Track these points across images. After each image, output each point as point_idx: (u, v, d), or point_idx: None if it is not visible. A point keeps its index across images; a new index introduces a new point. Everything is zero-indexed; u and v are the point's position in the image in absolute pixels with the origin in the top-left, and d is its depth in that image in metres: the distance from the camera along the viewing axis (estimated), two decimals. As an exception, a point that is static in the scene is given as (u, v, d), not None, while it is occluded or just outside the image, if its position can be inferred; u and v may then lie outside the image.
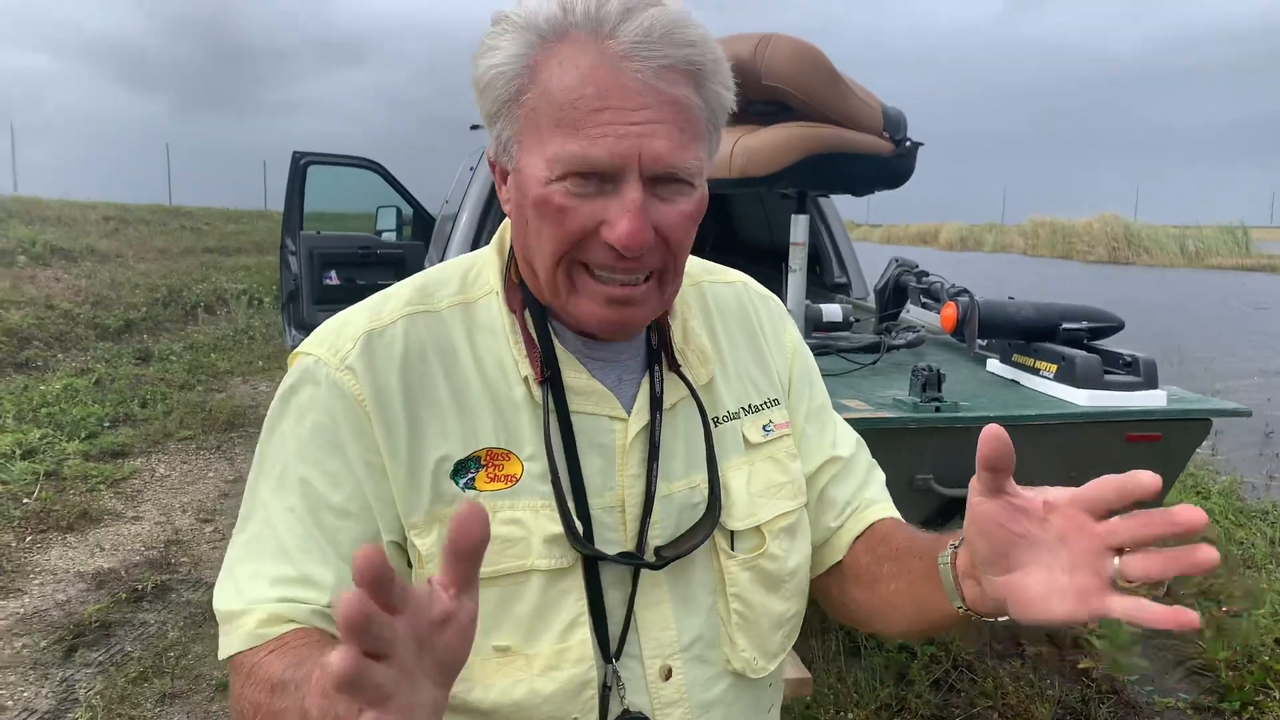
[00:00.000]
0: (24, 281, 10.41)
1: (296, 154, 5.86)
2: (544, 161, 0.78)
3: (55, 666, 3.22)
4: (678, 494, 0.90)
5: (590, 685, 0.84)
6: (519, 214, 0.84)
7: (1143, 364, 2.14)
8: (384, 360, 0.85)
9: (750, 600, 0.92)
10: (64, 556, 4.19)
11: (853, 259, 4.42)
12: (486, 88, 0.82)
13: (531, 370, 0.86)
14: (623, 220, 0.77)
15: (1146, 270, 28.02)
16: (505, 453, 0.84)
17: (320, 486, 0.83)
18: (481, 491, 0.83)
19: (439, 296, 0.90)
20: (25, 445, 5.53)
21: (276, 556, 0.82)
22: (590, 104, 0.76)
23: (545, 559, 0.82)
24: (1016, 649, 3.51)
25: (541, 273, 0.84)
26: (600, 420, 0.88)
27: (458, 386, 0.85)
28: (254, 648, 0.79)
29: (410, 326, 0.87)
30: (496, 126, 0.84)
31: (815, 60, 2.63)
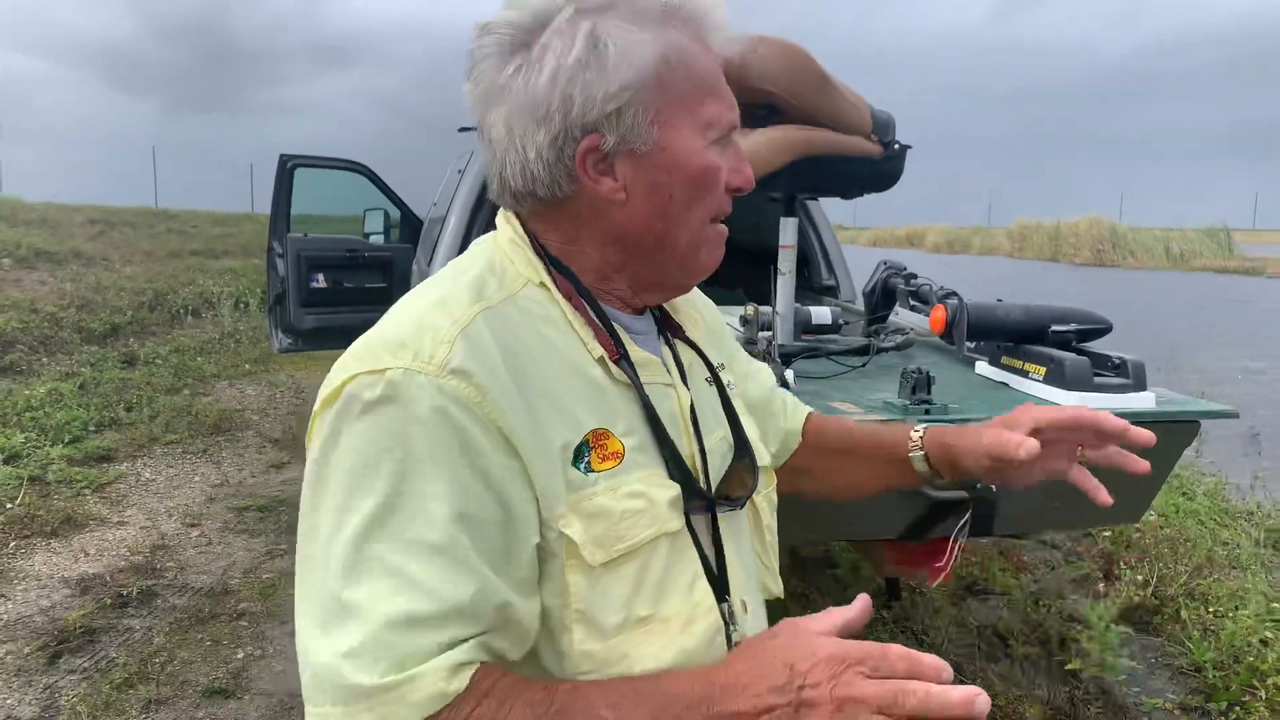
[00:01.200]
0: (8, 285, 10.34)
1: (283, 157, 5.83)
2: (699, 131, 0.89)
3: (39, 673, 3.20)
4: (715, 447, 0.98)
5: (720, 631, 0.89)
6: (655, 193, 0.89)
7: (1131, 366, 2.14)
8: (489, 357, 0.81)
9: (774, 529, 1.08)
10: (48, 562, 4.15)
11: (841, 262, 4.42)
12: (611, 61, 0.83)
13: (605, 351, 0.89)
14: (744, 165, 0.95)
15: (1131, 272, 28.19)
16: (605, 432, 0.86)
17: (444, 503, 0.76)
18: (600, 472, 0.84)
19: (490, 293, 0.87)
20: (9, 450, 5.49)
21: (420, 598, 0.73)
22: (716, 74, 0.91)
23: (671, 522, 0.87)
24: (1005, 650, 3.52)
25: (683, 239, 0.92)
26: (657, 387, 0.94)
27: (547, 375, 0.85)
28: (438, 715, 0.71)
29: (488, 322, 0.83)
30: (619, 107, 0.84)
31: (804, 62, 2.63)
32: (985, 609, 3.90)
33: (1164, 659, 3.54)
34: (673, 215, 0.90)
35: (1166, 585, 4.04)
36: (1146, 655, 3.58)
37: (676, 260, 0.94)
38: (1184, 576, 4.10)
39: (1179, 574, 4.12)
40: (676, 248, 0.92)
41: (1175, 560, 4.30)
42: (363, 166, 6.08)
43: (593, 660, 0.81)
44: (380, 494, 0.75)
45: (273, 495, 5.16)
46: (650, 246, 0.91)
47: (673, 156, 0.88)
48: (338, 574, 0.74)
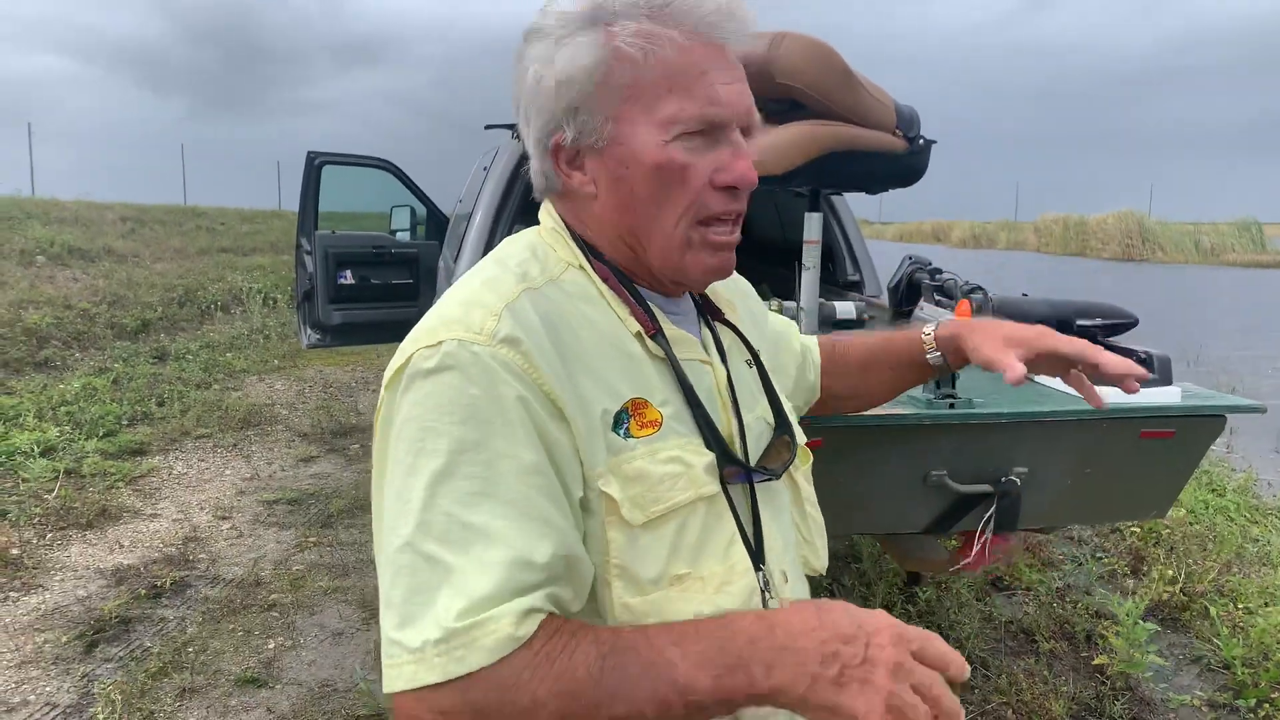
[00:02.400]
0: (42, 281, 10.50)
1: (311, 154, 5.88)
2: (657, 127, 0.89)
3: (76, 662, 3.26)
4: (754, 423, 1.03)
5: (756, 593, 0.93)
6: (620, 188, 0.92)
7: (1157, 360, 2.13)
8: (533, 328, 0.86)
9: (816, 504, 1.11)
10: (84, 553, 4.23)
11: (865, 257, 4.41)
12: (565, 68, 0.89)
13: (641, 326, 0.94)
14: (739, 161, 0.91)
15: (1161, 267, 27.85)
16: (643, 401, 0.91)
17: (507, 458, 0.80)
18: (638, 438, 0.89)
19: (533, 275, 0.93)
20: (45, 443, 5.59)
21: (489, 546, 0.77)
22: (696, 69, 0.89)
23: (707, 486, 0.91)
24: (1030, 646, 3.51)
25: (657, 238, 0.93)
26: (694, 364, 0.98)
27: (587, 348, 0.90)
28: (509, 656, 0.74)
29: (532, 300, 0.89)
30: (578, 109, 0.90)
31: (828, 58, 2.63)
32: (1011, 604, 3.89)
33: (1192, 655, 3.51)
34: (639, 210, 0.92)
35: (1195, 581, 4.01)
36: (1174, 651, 3.56)
37: (657, 259, 0.94)
38: (1213, 573, 4.07)
39: (1208, 570, 4.09)
40: (652, 245, 0.93)
41: (1204, 556, 4.27)
42: (389, 164, 6.13)
43: (632, 613, 0.86)
44: (444, 453, 0.79)
45: (302, 488, 5.23)
46: (630, 241, 0.95)
47: (628, 150, 0.90)
48: (410, 531, 0.78)
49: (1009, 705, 3.05)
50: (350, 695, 3.07)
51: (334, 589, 3.90)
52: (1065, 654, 3.46)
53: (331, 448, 6.08)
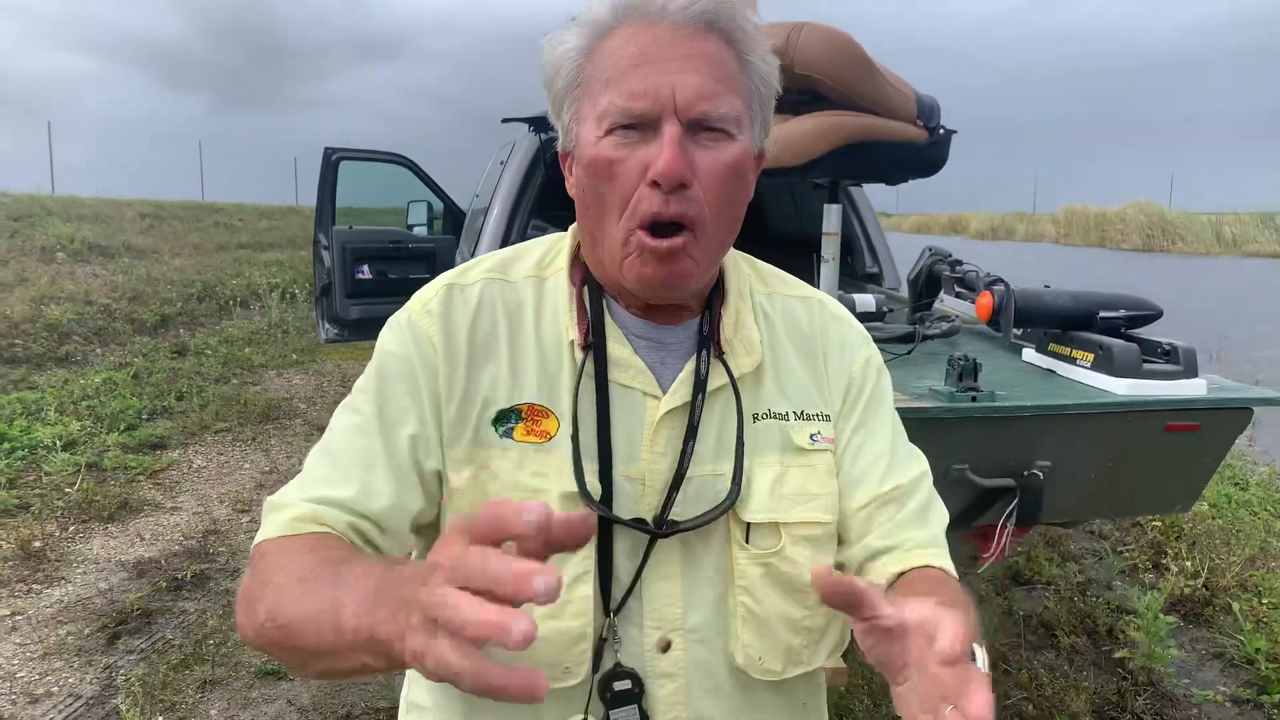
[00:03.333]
0: (63, 277, 10.59)
1: (328, 150, 5.90)
2: (594, 123, 0.86)
3: (99, 653, 3.29)
4: (700, 478, 0.92)
5: (585, 640, 0.88)
6: (581, 192, 0.90)
7: (1182, 352, 2.11)
8: (459, 309, 0.94)
9: (760, 598, 0.92)
10: (105, 546, 4.27)
11: (884, 248, 4.39)
12: (554, 79, 0.91)
13: (577, 335, 0.92)
14: (662, 153, 0.82)
15: (1181, 258, 27.61)
16: (545, 410, 0.91)
17: (386, 407, 0.91)
18: (517, 442, 0.90)
19: (516, 270, 0.98)
20: (66, 437, 5.64)
21: (330, 464, 0.90)
22: (631, 62, 0.84)
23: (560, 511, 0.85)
24: (1051, 640, 3.49)
25: (605, 240, 0.89)
26: (634, 394, 0.92)
27: (516, 346, 0.93)
28: (283, 536, 0.84)
29: (486, 289, 0.95)
30: (562, 115, 0.92)
31: (848, 48, 2.61)
32: (1031, 599, 3.87)
33: (1215, 650, 3.49)
34: (592, 210, 0.89)
35: (1218, 576, 3.98)
36: (1197, 646, 3.53)
37: (608, 262, 0.90)
38: (1236, 567, 4.03)
39: (1231, 565, 4.06)
40: (600, 248, 0.91)
41: (1227, 551, 4.23)
42: (406, 159, 6.14)
43: None
44: (358, 391, 0.95)
45: (320, 482, 5.24)
46: (592, 244, 0.93)
47: (582, 152, 0.88)
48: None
49: (1029, 700, 3.03)
50: (369, 688, 3.08)
51: (353, 582, 3.91)
52: (1086, 649, 3.44)
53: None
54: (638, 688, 0.90)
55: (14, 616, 3.55)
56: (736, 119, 0.86)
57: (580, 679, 0.88)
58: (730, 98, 0.85)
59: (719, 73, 0.84)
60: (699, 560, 0.92)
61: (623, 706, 0.89)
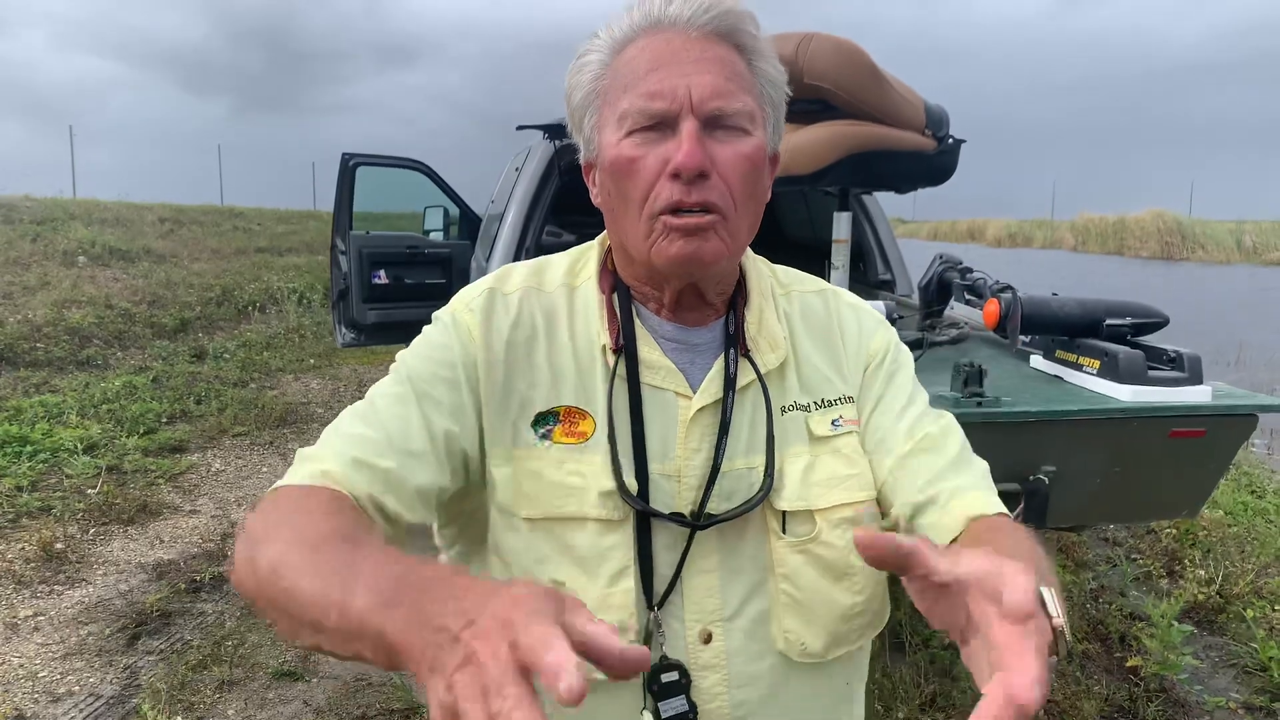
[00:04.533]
0: (84, 281, 10.71)
1: (346, 155, 5.95)
2: (614, 126, 0.91)
3: (119, 654, 3.34)
4: (736, 472, 0.95)
5: (629, 633, 0.90)
6: (604, 193, 0.95)
7: (1187, 360, 2.12)
8: (500, 313, 0.98)
9: (802, 584, 0.94)
10: (125, 548, 4.33)
11: (897, 256, 4.40)
12: (573, 92, 0.96)
13: (609, 340, 0.96)
14: (681, 146, 0.87)
15: (1201, 266, 27.41)
16: (582, 412, 0.94)
17: (429, 388, 0.93)
18: (556, 444, 0.93)
19: (549, 279, 1.02)
20: (87, 440, 5.72)
21: (371, 429, 0.90)
22: (647, 66, 0.89)
23: (598, 509, 0.91)
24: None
25: (630, 235, 0.93)
26: (667, 395, 0.96)
27: (553, 352, 0.97)
28: (306, 486, 0.84)
29: (525, 298, 1.00)
30: (583, 126, 0.97)
31: (857, 58, 2.64)
32: (1043, 605, 3.87)
33: (1228, 658, 3.48)
34: (618, 211, 0.94)
35: (1232, 584, 3.97)
36: (1210, 654, 3.52)
37: (637, 256, 0.94)
38: (1251, 575, 4.02)
39: (1246, 572, 4.04)
40: (629, 244, 0.95)
41: (1242, 559, 4.22)
42: (422, 164, 6.19)
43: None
44: (403, 361, 0.97)
45: (337, 486, 5.30)
46: (621, 245, 0.98)
47: (604, 155, 0.93)
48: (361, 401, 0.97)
49: (1041, 706, 3.04)
50: (385, 689, 3.12)
51: (368, 584, 3.95)
52: (1098, 655, 3.44)
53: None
54: (685, 679, 0.93)
55: (36, 617, 3.61)
56: (750, 115, 0.90)
57: None
58: (743, 95, 0.90)
59: (730, 73, 0.90)
60: (736, 552, 0.95)
61: (671, 698, 0.92)
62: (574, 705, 0.48)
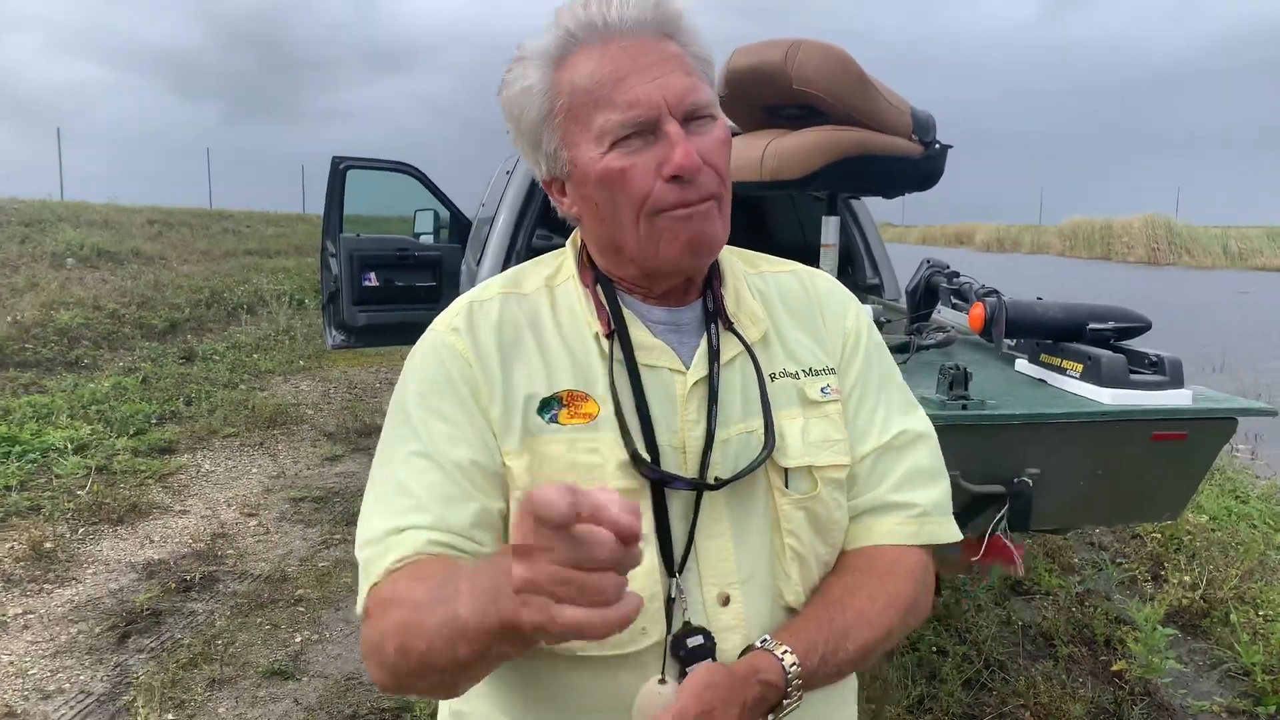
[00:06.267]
0: (73, 283, 10.69)
1: (336, 158, 5.96)
2: (593, 142, 0.94)
3: (109, 652, 3.35)
4: (735, 437, 1.01)
5: (656, 598, 0.95)
6: (588, 204, 0.99)
7: (1168, 363, 2.15)
8: (483, 323, 1.02)
9: (803, 538, 1.02)
10: (115, 547, 4.33)
11: (885, 260, 4.44)
12: (520, 116, 1.00)
13: (600, 327, 1.01)
14: (675, 150, 0.92)
15: (1188, 271, 27.59)
16: (583, 395, 0.99)
17: (440, 427, 0.97)
18: (565, 425, 0.97)
19: (528, 284, 1.07)
20: (77, 441, 5.71)
21: (400, 497, 0.95)
22: (613, 78, 0.93)
23: (619, 481, 0.95)
24: (1049, 650, 3.52)
25: (629, 239, 0.97)
26: (662, 372, 1.01)
27: (543, 345, 1.01)
28: (382, 583, 0.92)
29: (504, 303, 1.04)
30: (541, 146, 1.00)
31: (844, 65, 2.67)
32: (1030, 608, 3.90)
33: (1212, 662, 3.52)
34: (607, 219, 0.98)
35: (1216, 588, 4.01)
36: (1194, 658, 3.56)
37: (637, 257, 0.99)
38: (1235, 580, 4.06)
39: (1230, 577, 4.08)
40: (627, 246, 0.99)
41: (1226, 563, 4.26)
42: (413, 168, 6.20)
43: None
44: (404, 411, 1.00)
45: (327, 487, 5.31)
46: (612, 249, 1.02)
47: (581, 170, 0.97)
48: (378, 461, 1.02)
49: (1026, 708, 3.07)
50: (375, 689, 3.13)
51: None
52: (1084, 658, 3.47)
53: (356, 447, 6.16)
54: (709, 642, 0.96)
55: (26, 615, 3.61)
56: (713, 101, 0.98)
57: (656, 639, 0.95)
58: (703, 85, 0.97)
59: (686, 67, 0.96)
60: (746, 513, 1.00)
61: (697, 662, 0.95)
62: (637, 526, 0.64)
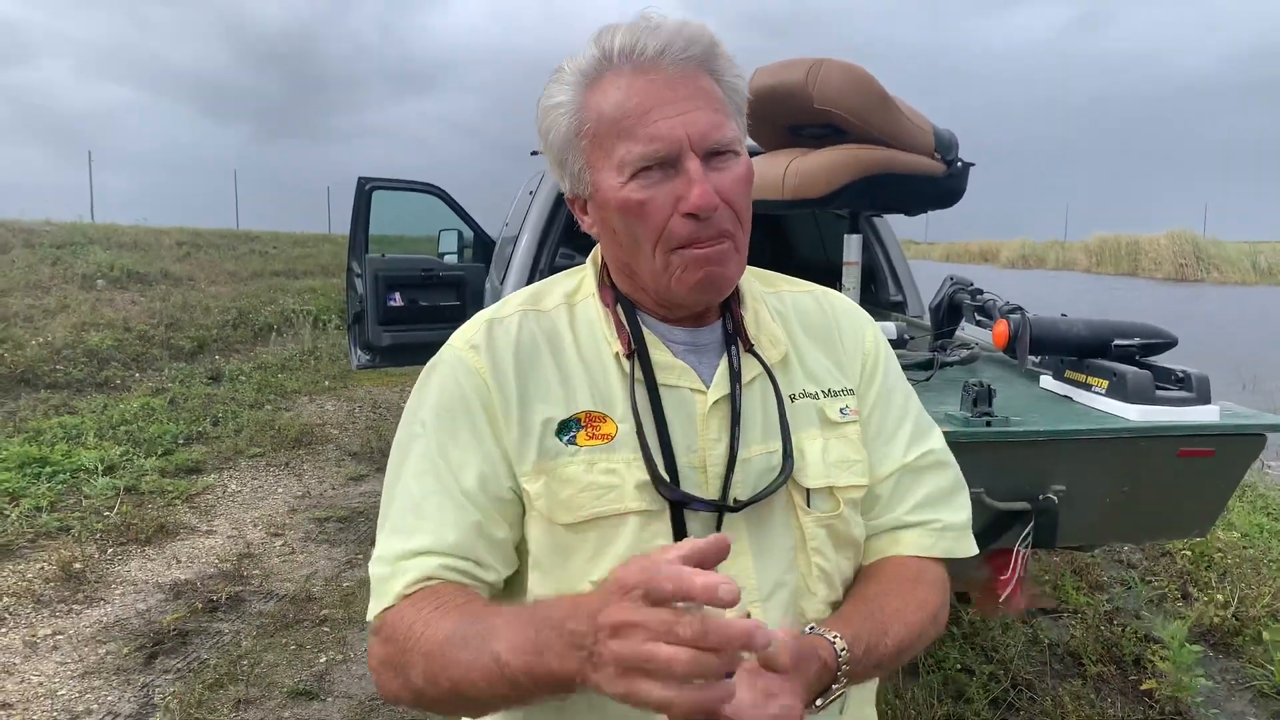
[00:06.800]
0: (103, 304, 10.84)
1: (362, 179, 6.02)
2: (615, 170, 0.96)
3: (136, 672, 3.37)
4: (756, 458, 1.02)
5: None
6: (606, 228, 1.01)
7: (1195, 380, 2.14)
8: (501, 341, 1.03)
9: (828, 555, 1.03)
10: (143, 568, 4.37)
11: (908, 277, 4.43)
12: (549, 131, 1.01)
13: (621, 347, 1.02)
14: (693, 188, 0.93)
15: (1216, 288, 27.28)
16: (601, 415, 1.00)
17: (452, 449, 0.99)
18: (582, 446, 0.98)
19: (547, 301, 1.08)
20: (106, 461, 5.78)
21: (414, 519, 0.97)
22: (638, 111, 0.94)
23: (637, 502, 0.96)
24: (1077, 669, 3.48)
25: (644, 268, 0.99)
26: (683, 392, 1.02)
27: (561, 364, 1.03)
28: (397, 606, 0.93)
29: (524, 320, 1.05)
30: (567, 164, 1.02)
31: (866, 83, 2.68)
32: (1057, 627, 3.86)
33: (1244, 681, 3.46)
34: (625, 245, 1.00)
35: (1248, 606, 3.95)
36: (1226, 677, 3.51)
37: (649, 286, 1.01)
38: (1267, 597, 4.00)
39: (1262, 595, 4.02)
40: (642, 275, 1.00)
41: (1258, 581, 4.20)
42: (437, 188, 6.26)
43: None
44: (411, 428, 1.03)
45: (352, 507, 5.33)
46: (627, 272, 1.04)
47: (602, 195, 0.98)
48: (389, 480, 1.03)
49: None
50: (398, 709, 3.13)
51: (383, 605, 3.98)
52: (1113, 677, 3.42)
53: (381, 467, 6.16)
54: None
55: (55, 636, 3.64)
56: (737, 138, 0.98)
57: None
58: (729, 123, 0.97)
59: (716, 104, 0.97)
60: (765, 533, 1.01)
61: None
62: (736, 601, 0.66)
